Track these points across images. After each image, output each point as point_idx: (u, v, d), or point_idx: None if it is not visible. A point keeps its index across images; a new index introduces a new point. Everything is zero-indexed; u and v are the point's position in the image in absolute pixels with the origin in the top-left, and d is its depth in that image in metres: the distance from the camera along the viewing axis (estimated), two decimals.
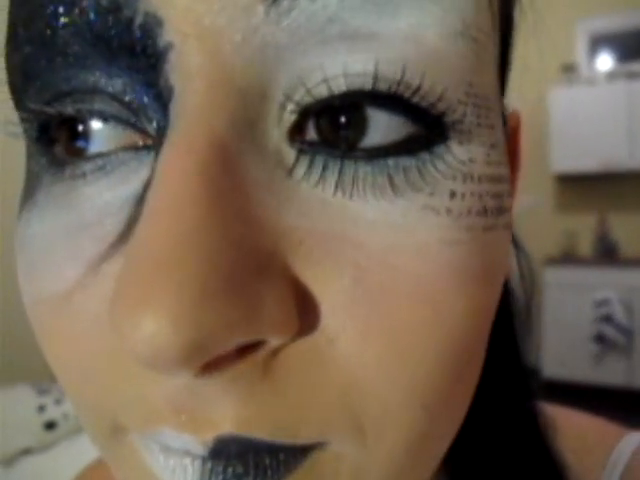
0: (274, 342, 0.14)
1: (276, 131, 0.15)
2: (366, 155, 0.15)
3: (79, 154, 0.16)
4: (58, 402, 1.08)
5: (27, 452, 0.98)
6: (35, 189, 0.17)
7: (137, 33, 0.14)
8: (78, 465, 0.34)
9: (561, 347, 3.26)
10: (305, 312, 0.14)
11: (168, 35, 0.14)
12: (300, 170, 0.15)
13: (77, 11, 0.14)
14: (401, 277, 0.15)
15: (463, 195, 0.15)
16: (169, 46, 0.14)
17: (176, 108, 0.14)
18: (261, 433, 0.15)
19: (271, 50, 0.14)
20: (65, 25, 0.15)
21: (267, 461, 0.15)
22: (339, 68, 0.14)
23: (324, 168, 0.15)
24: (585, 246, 3.60)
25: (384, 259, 0.15)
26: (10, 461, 0.96)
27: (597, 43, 3.47)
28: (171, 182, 0.13)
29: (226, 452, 0.15)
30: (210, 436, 0.14)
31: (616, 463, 0.29)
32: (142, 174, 0.15)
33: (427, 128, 0.15)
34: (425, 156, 0.15)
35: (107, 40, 0.14)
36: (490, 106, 0.16)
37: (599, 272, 3.26)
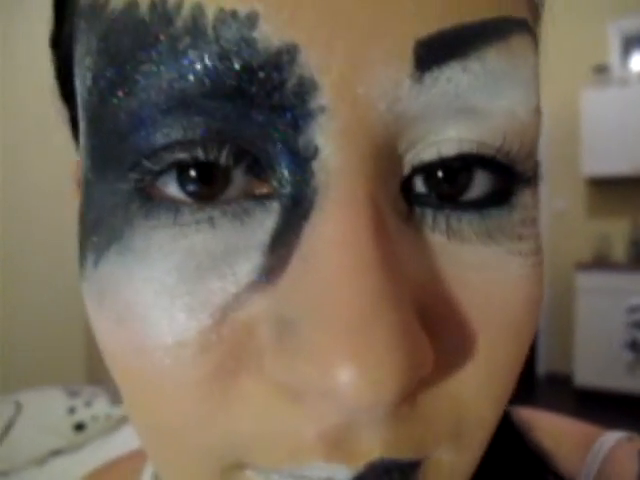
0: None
1: (393, 184, 0.17)
2: (469, 206, 0.18)
3: (188, 201, 0.16)
4: (88, 404, 1.10)
5: (57, 453, 1.00)
6: (124, 232, 0.17)
7: (289, 95, 0.15)
8: None
9: (593, 354, 3.20)
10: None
11: (322, 99, 0.15)
12: (416, 219, 0.17)
13: (221, 68, 0.15)
14: (499, 310, 0.18)
15: (528, 237, 0.19)
16: (321, 109, 0.15)
17: (324, 167, 0.15)
18: (406, 454, 0.17)
19: (405, 118, 0.16)
20: (202, 79, 0.15)
21: (405, 477, 0.17)
22: (454, 135, 0.17)
23: (434, 217, 0.17)
24: (618, 250, 3.52)
25: (486, 296, 0.17)
26: (41, 461, 0.99)
27: (630, 43, 3.40)
28: (346, 244, 0.15)
29: (372, 474, 0.16)
30: (361, 463, 0.16)
31: (593, 462, 0.30)
32: (267, 223, 0.16)
33: (510, 183, 0.18)
34: (507, 206, 0.18)
35: (250, 96, 0.15)
36: None
37: (633, 277, 3.19)
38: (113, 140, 0.17)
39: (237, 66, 0.15)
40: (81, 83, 0.18)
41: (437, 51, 0.15)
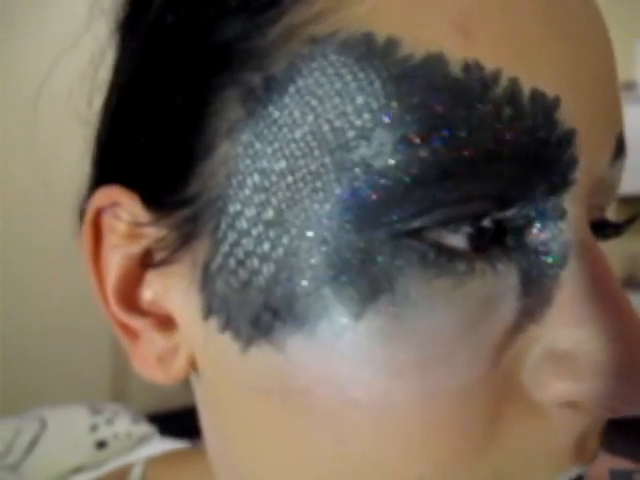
0: None
1: None
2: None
3: (466, 251, 0.18)
4: (109, 422, 1.10)
5: (79, 470, 1.01)
6: (395, 284, 0.17)
7: (561, 167, 0.18)
8: None
9: None
10: None
11: (577, 174, 0.19)
12: None
13: (528, 139, 0.17)
14: None
15: None
16: (575, 182, 0.19)
17: (570, 226, 0.19)
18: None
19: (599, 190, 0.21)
20: (512, 146, 0.17)
21: None
22: (603, 203, 0.23)
23: None
24: None
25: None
26: (63, 478, 0.99)
27: None
28: (608, 284, 0.18)
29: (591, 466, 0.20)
30: (589, 458, 0.19)
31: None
32: (512, 270, 0.18)
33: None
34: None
35: (536, 166, 0.18)
36: None
37: None
38: (392, 189, 0.16)
39: (541, 138, 0.17)
40: (327, 118, 0.17)
41: (622, 143, 0.20)
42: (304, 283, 0.17)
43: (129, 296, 0.21)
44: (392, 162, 0.16)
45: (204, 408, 0.23)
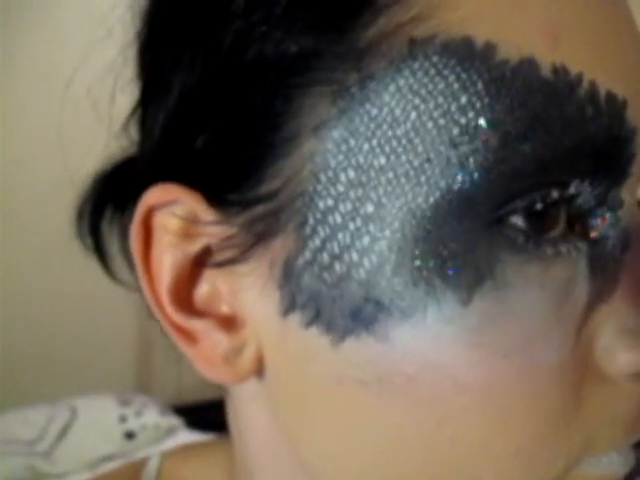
0: None
1: None
2: None
3: (542, 238, 0.19)
4: (138, 414, 1.14)
5: (109, 458, 1.04)
6: (495, 269, 0.18)
7: (622, 162, 0.20)
8: None
9: None
10: None
11: (635, 168, 0.20)
12: None
13: (604, 136, 0.19)
14: None
15: None
16: (632, 175, 0.20)
17: (627, 214, 0.20)
18: None
19: None
20: (593, 143, 0.19)
21: None
22: None
23: None
24: None
25: None
26: (94, 466, 1.02)
27: None
28: None
29: None
30: None
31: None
32: (579, 257, 0.20)
33: None
34: None
35: (607, 161, 0.20)
36: None
37: None
38: (493, 180, 0.18)
39: (614, 135, 0.19)
40: (432, 116, 0.18)
41: None
42: (409, 274, 0.18)
43: (185, 297, 0.21)
44: (495, 157, 0.18)
45: (258, 406, 0.23)
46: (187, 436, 1.09)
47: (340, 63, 0.18)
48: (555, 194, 0.19)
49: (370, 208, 0.18)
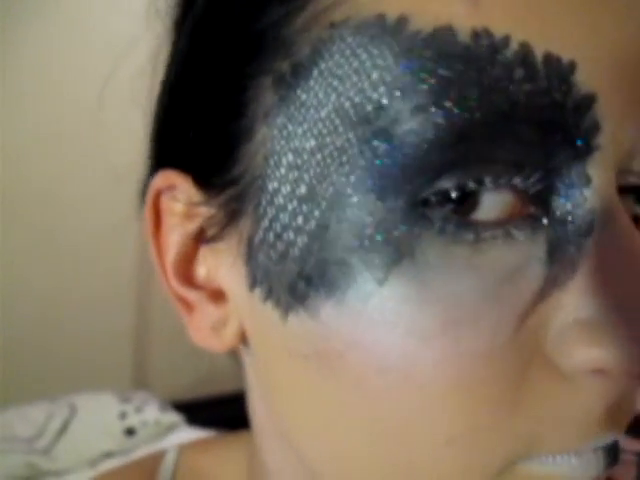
0: None
1: None
2: None
3: (475, 219, 0.18)
4: (138, 410, 1.14)
5: (109, 455, 1.04)
6: (415, 250, 0.18)
7: (580, 133, 0.18)
8: None
9: None
10: None
11: (601, 139, 0.18)
12: None
13: (545, 100, 0.17)
14: None
15: None
16: (599, 147, 0.18)
17: (596, 194, 0.18)
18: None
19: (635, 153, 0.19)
20: (529, 107, 0.17)
21: None
22: None
23: None
24: None
25: None
26: (94, 463, 1.02)
27: None
28: (634, 259, 0.18)
29: (631, 433, 0.20)
30: (624, 424, 0.19)
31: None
32: (538, 239, 0.18)
33: None
34: None
35: (554, 129, 0.18)
36: None
37: None
38: (408, 157, 0.17)
39: (556, 101, 0.17)
40: (348, 96, 0.18)
41: None
42: (334, 252, 0.19)
43: (186, 271, 0.22)
44: (408, 130, 0.17)
45: (252, 377, 0.24)
46: (188, 433, 1.09)
47: (276, 53, 0.19)
48: (486, 173, 0.17)
49: (303, 189, 0.19)
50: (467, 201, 0.17)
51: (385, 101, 0.18)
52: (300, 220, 0.19)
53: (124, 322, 1.36)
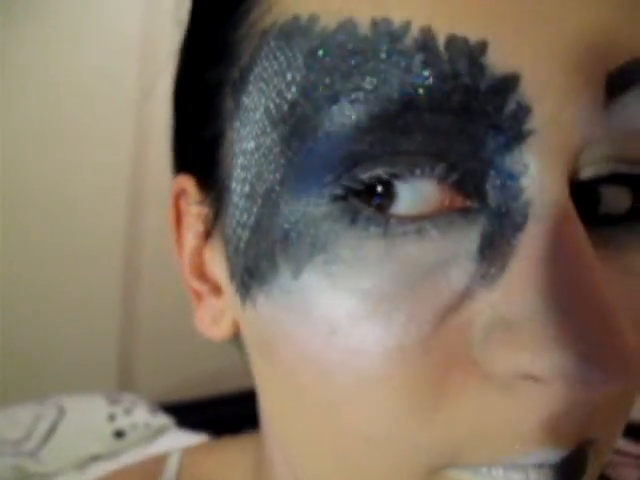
0: None
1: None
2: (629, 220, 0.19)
3: (391, 213, 0.17)
4: (127, 412, 1.12)
5: (97, 458, 1.02)
6: (328, 243, 0.18)
7: (505, 117, 0.16)
8: None
9: None
10: None
11: (533, 123, 0.16)
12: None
13: (451, 85, 0.16)
14: None
15: None
16: (531, 132, 0.16)
17: (533, 183, 0.17)
18: (596, 433, 0.18)
19: (590, 139, 0.17)
20: (433, 93, 0.16)
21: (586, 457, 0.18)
22: (632, 154, 0.18)
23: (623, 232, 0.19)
24: None
25: None
26: (81, 466, 1.01)
27: None
28: (570, 251, 0.16)
29: (576, 457, 0.17)
30: (571, 444, 0.17)
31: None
32: (471, 234, 0.17)
33: None
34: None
35: (471, 115, 0.16)
36: None
37: None
38: (319, 152, 0.17)
39: (465, 85, 0.16)
40: (271, 97, 0.19)
41: (623, 81, 0.17)
42: (264, 246, 0.19)
43: (198, 266, 0.24)
44: (318, 126, 0.17)
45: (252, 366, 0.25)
46: (179, 436, 1.08)
47: (231, 61, 0.21)
48: (396, 163, 0.17)
49: (247, 188, 0.20)
50: (386, 195, 0.17)
51: (296, 100, 0.18)
52: (245, 216, 0.20)
53: (110, 324, 1.35)
